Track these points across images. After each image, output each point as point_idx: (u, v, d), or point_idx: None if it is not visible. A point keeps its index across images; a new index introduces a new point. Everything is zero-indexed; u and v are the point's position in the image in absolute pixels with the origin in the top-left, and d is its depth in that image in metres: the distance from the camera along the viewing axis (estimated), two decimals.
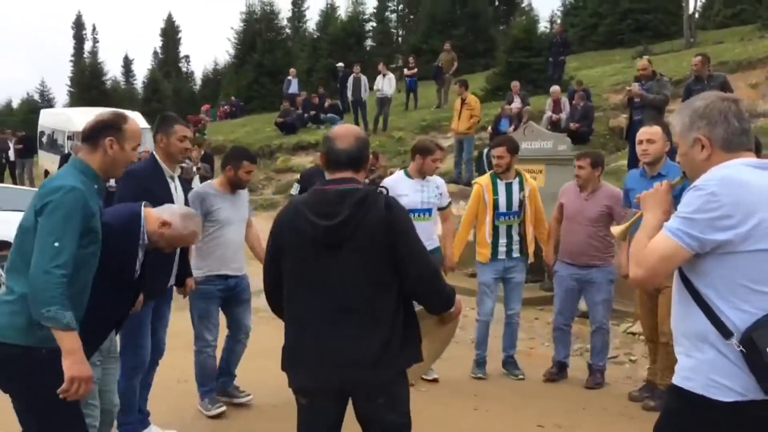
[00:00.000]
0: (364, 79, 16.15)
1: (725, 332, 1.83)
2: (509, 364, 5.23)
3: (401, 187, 4.79)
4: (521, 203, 5.07)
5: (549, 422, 4.23)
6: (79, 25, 54.12)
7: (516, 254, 5.10)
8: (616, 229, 2.33)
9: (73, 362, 2.31)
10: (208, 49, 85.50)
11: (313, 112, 18.87)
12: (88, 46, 54.12)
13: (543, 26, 27.34)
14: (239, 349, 4.52)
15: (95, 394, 2.93)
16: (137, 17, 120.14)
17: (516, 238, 5.09)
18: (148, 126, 17.88)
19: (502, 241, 5.06)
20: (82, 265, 2.45)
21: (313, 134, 17.28)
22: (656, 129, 4.51)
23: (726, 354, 1.83)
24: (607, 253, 4.92)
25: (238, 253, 4.42)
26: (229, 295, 4.37)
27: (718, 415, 1.85)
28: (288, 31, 39.16)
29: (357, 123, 16.25)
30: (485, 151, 9.70)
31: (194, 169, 12.93)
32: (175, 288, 4.00)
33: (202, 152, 13.73)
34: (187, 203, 3.88)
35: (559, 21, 33.24)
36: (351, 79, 16.37)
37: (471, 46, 28.40)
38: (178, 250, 3.73)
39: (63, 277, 2.30)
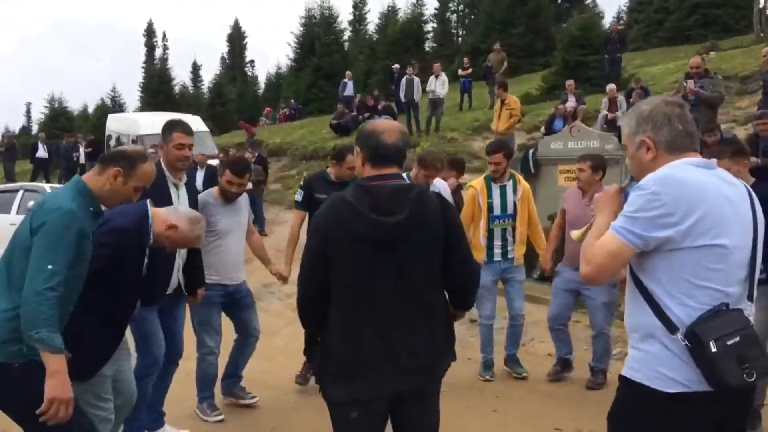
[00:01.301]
0: (416, 80, 16.12)
1: (671, 327, 1.89)
2: (512, 362, 5.25)
3: None
4: (515, 206, 5.11)
5: (570, 426, 4.13)
6: (150, 32, 56.23)
7: (512, 255, 5.16)
8: (575, 233, 2.33)
9: (57, 383, 2.32)
10: (272, 53, 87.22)
11: (367, 114, 18.95)
12: (159, 53, 56.27)
13: (609, 23, 26.61)
14: (248, 351, 4.56)
15: (109, 389, 2.97)
16: (206, 24, 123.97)
17: (511, 239, 5.15)
18: (207, 130, 18.51)
19: (497, 243, 5.11)
20: (69, 286, 2.45)
21: None
22: None
23: (671, 348, 1.89)
24: None
25: (237, 263, 4.43)
26: (230, 301, 4.39)
27: (662, 405, 1.90)
28: (349, 33, 39.67)
29: (409, 124, 16.25)
30: (530, 151, 9.52)
31: None
32: (186, 298, 4.03)
33: (256, 154, 14.04)
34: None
35: (624, 17, 32.37)
36: (404, 80, 16.38)
37: (530, 44, 27.99)
38: (179, 259, 3.77)
39: (55, 299, 2.32)
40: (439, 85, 15.54)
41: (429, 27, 38.09)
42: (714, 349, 1.81)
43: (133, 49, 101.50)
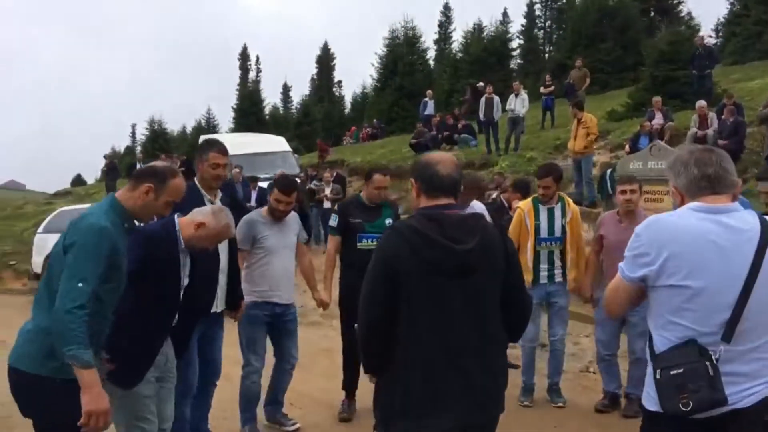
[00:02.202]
0: (496, 99, 15.97)
1: (652, 355, 2.15)
2: (553, 391, 5.15)
3: None
4: (563, 229, 5.01)
5: None
6: (244, 56, 58.77)
7: (558, 279, 5.06)
8: None
9: (91, 397, 2.40)
10: (359, 74, 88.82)
11: (446, 133, 19.00)
12: (252, 75, 58.61)
13: (708, 36, 25.39)
14: (286, 379, 4.58)
15: (152, 408, 3.00)
16: (297, 47, 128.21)
17: (558, 263, 5.05)
18: (290, 149, 19.06)
19: (544, 266, 5.02)
20: (103, 301, 2.52)
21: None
22: None
23: (651, 372, 2.13)
24: None
25: (286, 282, 4.44)
26: (275, 322, 4.42)
27: (650, 421, 2.20)
28: (434, 52, 39.85)
29: (488, 143, 16.12)
30: (608, 171, 9.22)
31: (326, 190, 13.57)
32: (226, 312, 4.07)
33: (335, 173, 14.33)
34: None
35: (722, 30, 30.85)
36: (483, 99, 16.26)
37: (619, 59, 27.18)
38: (223, 272, 3.84)
39: (85, 316, 2.39)
40: (519, 103, 15.33)
41: (515, 44, 37.74)
42: (657, 377, 2.06)
43: (229, 73, 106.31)
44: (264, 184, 13.94)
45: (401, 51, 33.94)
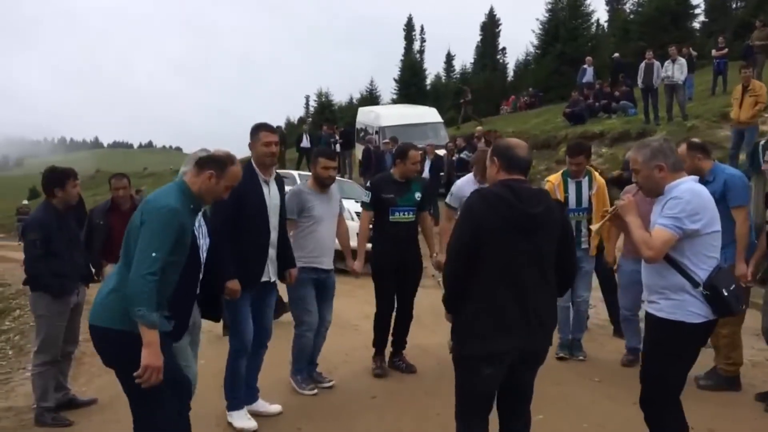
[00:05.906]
0: (656, 64, 15.01)
1: (694, 283, 3.04)
2: (574, 347, 5.58)
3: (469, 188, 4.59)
4: (590, 200, 5.34)
5: (701, 426, 3.99)
6: (409, 27, 59.57)
7: (585, 245, 5.43)
8: (594, 227, 3.46)
9: (149, 353, 2.71)
10: (524, 40, 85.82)
11: (604, 101, 18.32)
12: (416, 46, 59.35)
13: None
14: (319, 341, 4.82)
15: (188, 355, 3.45)
16: (462, 15, 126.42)
17: (584, 231, 5.39)
18: (441, 120, 19.46)
19: None
20: (168, 272, 2.82)
21: (601, 124, 16.80)
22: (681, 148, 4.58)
23: (695, 296, 3.04)
24: None
25: (330, 248, 4.72)
26: (318, 286, 4.68)
27: (693, 331, 3.07)
28: (606, 13, 37.63)
29: (646, 112, 15.38)
30: (762, 142, 8.61)
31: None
32: (279, 280, 4.35)
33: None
34: (282, 207, 4.26)
35: None
36: (642, 65, 15.42)
37: None
38: (273, 246, 4.11)
39: (155, 282, 2.72)
40: (677, 69, 14.36)
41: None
42: (725, 294, 3.01)
43: (395, 44, 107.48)
44: None
45: (563, 15, 32.64)
